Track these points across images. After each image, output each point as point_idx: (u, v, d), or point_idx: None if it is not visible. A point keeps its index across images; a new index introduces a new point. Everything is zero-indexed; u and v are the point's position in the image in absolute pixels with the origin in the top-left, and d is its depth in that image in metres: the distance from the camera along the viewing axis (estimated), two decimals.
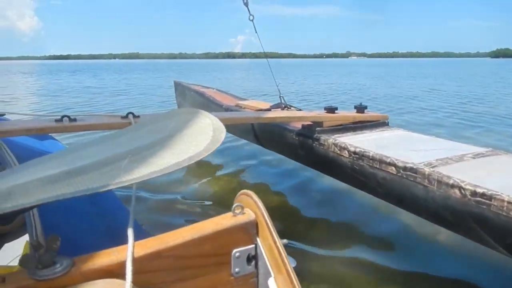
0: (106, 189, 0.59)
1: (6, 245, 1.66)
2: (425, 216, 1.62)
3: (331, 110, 2.19)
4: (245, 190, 0.70)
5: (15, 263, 1.48)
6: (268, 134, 2.42)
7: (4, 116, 1.52)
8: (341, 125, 2.16)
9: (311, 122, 2.11)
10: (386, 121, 2.33)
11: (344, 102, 8.38)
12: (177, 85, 4.23)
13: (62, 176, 0.63)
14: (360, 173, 1.81)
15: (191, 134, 0.79)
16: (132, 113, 1.58)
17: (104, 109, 7.19)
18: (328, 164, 2.00)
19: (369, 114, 2.30)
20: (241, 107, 2.93)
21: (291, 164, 2.99)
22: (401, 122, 5.34)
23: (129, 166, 0.65)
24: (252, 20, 2.57)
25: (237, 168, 3.43)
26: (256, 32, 2.58)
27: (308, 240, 2.02)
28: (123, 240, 0.60)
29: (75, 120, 1.49)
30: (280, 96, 2.65)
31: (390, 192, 1.71)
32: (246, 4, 2.51)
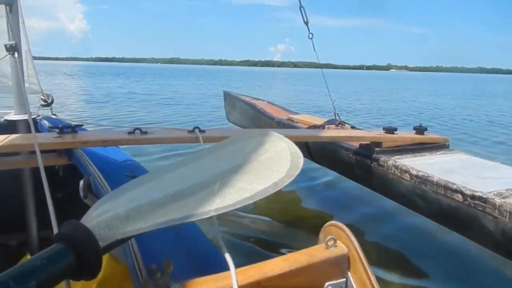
0: (207, 215, 0.61)
1: None
2: (493, 248, 1.56)
3: (390, 130, 2.15)
4: (334, 222, 0.69)
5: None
6: (322, 150, 2.41)
7: (82, 126, 1.61)
8: (400, 146, 2.12)
9: (370, 142, 2.08)
10: (447, 143, 2.26)
11: (403, 121, 8.00)
12: (226, 95, 4.30)
13: (168, 200, 0.66)
14: (423, 198, 1.77)
15: (270, 158, 0.80)
16: (198, 128, 1.63)
17: (155, 118, 7.23)
18: (388, 186, 1.96)
19: (429, 136, 2.24)
20: (293, 121, 2.94)
21: (350, 186, 2.91)
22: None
23: (222, 192, 0.67)
24: (311, 38, 2.62)
25: (298, 188, 3.32)
26: (314, 50, 2.62)
27: (389, 271, 2.01)
28: (205, 267, 0.61)
29: (146, 133, 1.56)
30: (335, 113, 2.64)
31: (455, 220, 1.66)
32: (306, 23, 2.58)
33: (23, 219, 1.71)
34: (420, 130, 2.24)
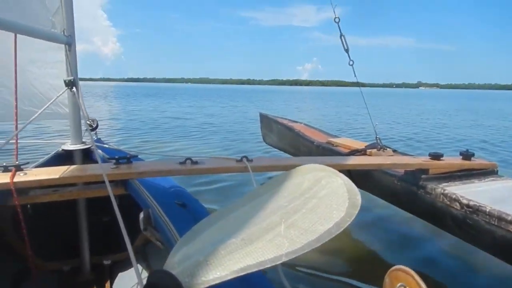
0: (280, 261, 0.61)
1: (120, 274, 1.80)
2: None
3: (436, 156, 2.12)
4: (401, 267, 0.67)
5: None
6: (365, 176, 2.38)
7: (139, 157, 1.67)
8: (447, 172, 2.08)
9: (416, 168, 2.06)
10: (496, 169, 2.20)
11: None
12: (263, 118, 4.36)
13: (240, 244, 0.68)
14: (474, 229, 1.73)
15: (328, 196, 0.81)
16: (246, 157, 1.65)
17: (195, 144, 7.07)
18: (436, 214, 1.93)
19: (477, 162, 2.19)
20: (333, 145, 2.94)
21: (397, 213, 2.78)
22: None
23: (288, 234, 0.68)
24: (351, 65, 2.65)
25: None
26: (355, 76, 2.63)
27: None
28: None
29: (196, 162, 1.60)
30: (376, 137, 2.62)
31: (510, 252, 1.60)
32: (346, 51, 2.63)
33: (76, 246, 1.78)
34: (467, 155, 2.20)
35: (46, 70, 2.12)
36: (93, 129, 2.08)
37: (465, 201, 1.76)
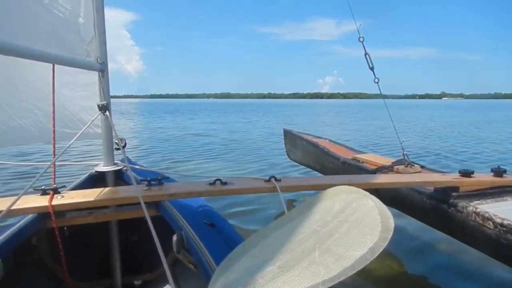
0: None
1: None
2: None
3: (467, 173, 2.07)
4: None
5: None
6: (393, 193, 2.33)
7: (169, 177, 1.71)
8: (478, 190, 2.04)
9: (446, 186, 2.02)
10: None
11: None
12: (287, 133, 4.37)
13: (277, 272, 0.69)
14: (509, 248, 1.68)
15: (360, 219, 0.80)
16: (274, 177, 1.67)
17: (222, 162, 6.95)
18: (468, 233, 1.88)
19: (509, 179, 2.13)
20: (358, 161, 2.92)
21: (427, 231, 2.63)
22: None
23: (323, 260, 0.68)
24: (377, 83, 2.66)
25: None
26: (380, 92, 2.63)
27: None
28: None
29: (226, 183, 1.61)
30: (403, 154, 2.60)
31: None
32: (371, 69, 2.66)
33: (108, 266, 1.82)
34: (499, 172, 2.15)
35: (77, 92, 2.21)
36: (122, 148, 2.14)
37: (498, 220, 1.72)
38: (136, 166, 2.13)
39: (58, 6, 1.30)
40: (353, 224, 0.80)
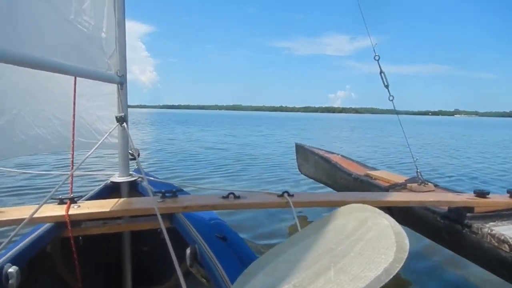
0: None
1: None
2: None
3: (482, 194, 2.05)
4: None
5: None
6: (406, 211, 2.31)
7: (184, 190, 1.73)
8: (493, 211, 2.01)
9: (460, 206, 2.00)
10: None
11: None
12: (299, 148, 4.37)
13: None
14: None
15: (375, 238, 0.79)
16: (287, 192, 1.67)
17: (234, 177, 6.88)
18: (483, 255, 1.85)
19: None
20: (371, 177, 2.90)
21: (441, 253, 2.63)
22: None
23: (339, 280, 0.68)
24: (392, 100, 2.68)
25: None
26: (395, 110, 2.64)
27: None
28: None
29: (239, 197, 1.63)
30: (417, 172, 2.58)
31: None
32: (386, 87, 2.73)
33: (119, 276, 1.84)
34: None
35: (93, 102, 2.25)
36: (135, 158, 2.17)
37: None
38: (151, 178, 2.15)
39: (82, 21, 1.34)
40: (368, 243, 0.79)
